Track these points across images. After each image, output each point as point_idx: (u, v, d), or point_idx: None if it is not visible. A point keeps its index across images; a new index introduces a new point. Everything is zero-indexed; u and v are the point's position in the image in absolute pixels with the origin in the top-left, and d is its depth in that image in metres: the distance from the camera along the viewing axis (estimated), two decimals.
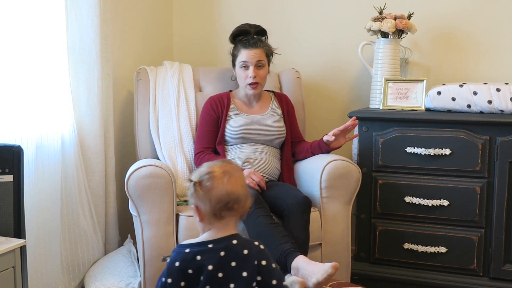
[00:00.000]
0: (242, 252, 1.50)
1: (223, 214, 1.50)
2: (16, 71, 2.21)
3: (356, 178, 2.39)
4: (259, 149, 2.57)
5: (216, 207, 1.49)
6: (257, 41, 2.62)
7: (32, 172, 2.24)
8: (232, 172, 1.53)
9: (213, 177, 1.50)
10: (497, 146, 2.40)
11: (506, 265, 2.44)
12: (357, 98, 3.07)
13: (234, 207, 1.50)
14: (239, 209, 1.52)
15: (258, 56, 2.58)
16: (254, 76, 2.56)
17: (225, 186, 1.49)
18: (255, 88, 2.59)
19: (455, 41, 2.91)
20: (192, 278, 1.48)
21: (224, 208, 1.49)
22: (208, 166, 1.55)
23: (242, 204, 1.52)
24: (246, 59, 2.57)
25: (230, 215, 1.51)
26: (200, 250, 1.49)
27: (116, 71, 2.81)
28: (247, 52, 2.58)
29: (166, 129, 2.75)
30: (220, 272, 1.47)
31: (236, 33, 2.69)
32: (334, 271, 1.89)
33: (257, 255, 1.52)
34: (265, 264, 1.52)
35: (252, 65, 2.57)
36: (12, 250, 1.76)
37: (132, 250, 2.68)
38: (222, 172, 1.51)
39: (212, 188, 1.49)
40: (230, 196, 1.49)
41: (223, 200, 1.49)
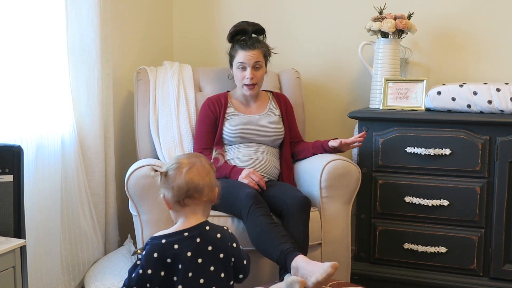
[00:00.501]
0: (216, 236, 1.66)
1: (186, 201, 1.64)
2: (16, 71, 2.21)
3: (356, 178, 2.40)
4: (258, 149, 2.57)
5: (178, 195, 1.63)
6: (255, 42, 2.61)
7: (32, 172, 2.24)
8: (195, 163, 1.67)
9: (177, 167, 1.66)
10: (497, 146, 2.40)
11: (506, 265, 2.44)
12: (357, 98, 3.07)
13: (194, 195, 1.64)
14: (201, 197, 1.65)
15: (255, 58, 2.57)
16: (251, 78, 2.56)
17: (184, 176, 1.63)
18: (252, 89, 2.59)
19: (455, 41, 2.91)
20: (170, 267, 1.60)
21: (185, 196, 1.63)
22: (176, 158, 1.72)
23: (205, 193, 1.65)
24: (244, 60, 2.57)
25: (193, 203, 1.65)
26: (177, 239, 1.61)
27: (116, 71, 2.81)
28: (245, 53, 2.57)
29: (166, 129, 2.75)
30: (199, 258, 1.61)
31: (234, 32, 2.68)
32: (334, 271, 1.88)
33: (229, 238, 1.70)
34: (236, 246, 1.70)
35: (250, 66, 2.56)
36: (12, 250, 1.76)
37: (132, 250, 2.68)
38: (187, 163, 1.66)
39: (175, 178, 1.64)
40: (189, 185, 1.63)
41: (183, 189, 1.63)
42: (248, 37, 2.63)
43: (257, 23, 2.71)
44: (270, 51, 2.69)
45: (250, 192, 2.23)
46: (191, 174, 1.64)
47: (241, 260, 1.72)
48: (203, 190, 1.65)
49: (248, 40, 2.60)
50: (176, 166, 1.66)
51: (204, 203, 1.68)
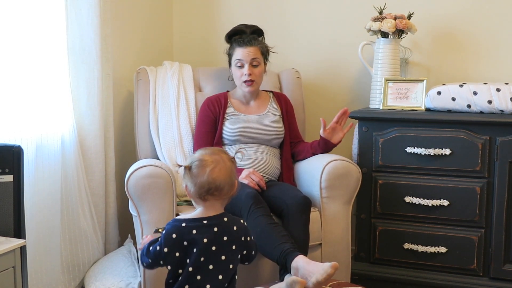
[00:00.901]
0: (232, 228, 1.74)
1: (207, 197, 1.71)
2: (16, 71, 2.21)
3: (356, 178, 2.39)
4: (258, 149, 2.57)
5: (200, 192, 1.70)
6: (252, 39, 2.62)
7: (32, 172, 2.24)
8: (218, 162, 1.71)
9: (201, 165, 1.71)
10: (497, 146, 2.40)
11: (506, 265, 2.44)
12: (357, 98, 3.07)
13: (215, 193, 1.70)
14: (221, 195, 1.72)
15: (253, 54, 2.58)
16: (249, 74, 2.56)
17: (208, 175, 1.69)
18: (250, 85, 2.58)
19: (455, 41, 2.91)
20: (186, 250, 1.68)
21: (206, 193, 1.70)
22: (200, 154, 1.75)
23: (224, 192, 1.72)
24: (241, 57, 2.57)
25: (213, 199, 1.72)
26: (196, 225, 1.70)
27: (116, 71, 2.81)
28: (242, 50, 2.58)
29: (166, 129, 2.75)
30: (213, 246, 1.69)
31: (231, 33, 2.70)
32: (334, 271, 1.88)
33: (244, 232, 1.78)
34: (249, 240, 1.79)
35: (247, 63, 2.57)
36: (12, 250, 1.76)
37: (132, 250, 2.68)
38: (211, 161, 1.71)
39: (198, 175, 1.70)
40: (211, 184, 1.69)
41: (204, 187, 1.69)
42: (245, 36, 2.64)
43: (255, 25, 2.71)
44: (269, 50, 2.69)
45: (250, 192, 2.23)
46: (214, 174, 1.69)
47: (251, 252, 1.82)
48: (224, 189, 1.71)
49: (245, 38, 2.62)
50: (199, 163, 1.71)
51: (223, 199, 1.76)
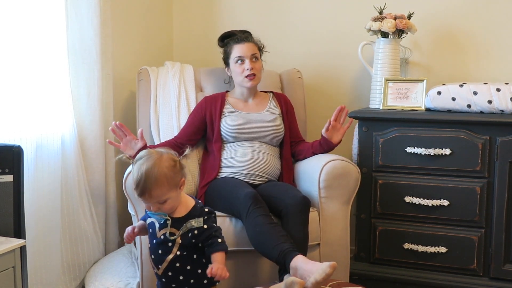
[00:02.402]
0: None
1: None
2: (16, 71, 2.21)
3: (355, 178, 2.39)
4: (259, 149, 2.56)
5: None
6: (248, 35, 2.66)
7: (32, 172, 2.24)
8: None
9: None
10: (497, 146, 2.39)
11: (506, 265, 2.44)
12: (357, 98, 3.07)
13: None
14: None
15: (251, 49, 2.60)
16: (251, 68, 2.57)
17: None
18: (253, 79, 2.59)
19: (455, 41, 2.90)
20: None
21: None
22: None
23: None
24: (241, 53, 2.59)
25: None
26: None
27: (116, 71, 2.81)
28: (241, 46, 2.60)
29: (166, 129, 2.75)
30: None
31: (223, 36, 2.75)
32: (332, 271, 1.88)
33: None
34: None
35: (248, 58, 2.58)
36: (12, 250, 1.77)
37: (133, 250, 2.68)
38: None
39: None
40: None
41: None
42: (239, 34, 2.67)
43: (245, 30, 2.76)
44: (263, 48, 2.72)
45: (249, 192, 2.23)
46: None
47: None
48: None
49: (241, 35, 2.64)
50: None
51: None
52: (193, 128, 2.64)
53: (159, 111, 2.80)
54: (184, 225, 1.84)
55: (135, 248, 2.64)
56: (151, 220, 1.91)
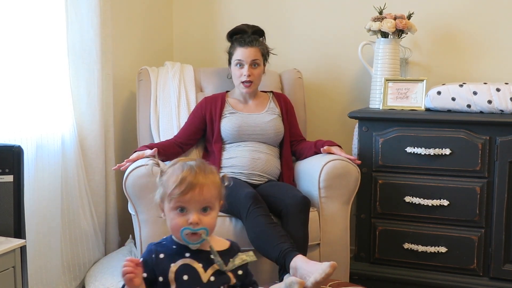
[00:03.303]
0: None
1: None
2: (16, 71, 2.21)
3: (355, 178, 2.39)
4: (258, 149, 2.57)
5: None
6: (253, 40, 2.63)
7: (32, 172, 2.24)
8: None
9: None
10: (497, 146, 2.39)
11: (506, 265, 2.44)
12: (357, 98, 3.07)
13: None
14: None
15: (253, 55, 2.58)
16: (248, 75, 2.56)
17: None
18: (248, 86, 2.59)
19: (455, 41, 2.90)
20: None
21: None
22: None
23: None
24: (241, 58, 2.58)
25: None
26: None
27: (116, 71, 2.81)
28: (243, 50, 2.58)
29: (167, 128, 2.76)
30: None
31: (233, 32, 2.71)
32: (332, 271, 1.88)
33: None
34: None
35: (247, 63, 2.57)
36: (12, 250, 1.77)
37: (133, 250, 2.68)
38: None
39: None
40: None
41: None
42: (247, 36, 2.64)
43: (257, 25, 2.72)
44: (269, 51, 2.70)
45: (249, 192, 2.23)
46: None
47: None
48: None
49: (247, 38, 2.62)
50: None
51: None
52: (193, 128, 2.64)
53: (159, 111, 2.80)
54: (231, 260, 1.44)
55: (135, 248, 2.64)
56: (182, 263, 1.41)
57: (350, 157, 2.42)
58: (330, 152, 2.45)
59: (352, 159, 2.41)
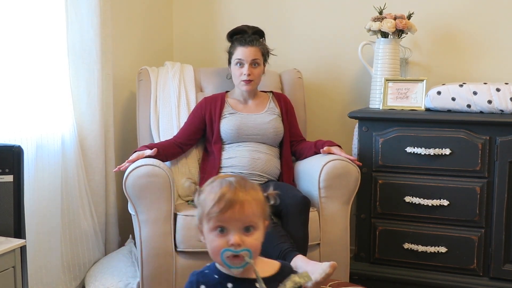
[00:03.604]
0: None
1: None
2: (16, 71, 2.21)
3: (355, 178, 2.39)
4: (258, 149, 2.57)
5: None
6: (254, 39, 2.63)
7: (32, 172, 2.24)
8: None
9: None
10: (497, 146, 2.39)
11: (506, 265, 2.44)
12: (357, 98, 3.07)
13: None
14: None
15: (253, 55, 2.58)
16: (248, 74, 2.56)
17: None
18: (248, 84, 2.59)
19: (455, 41, 2.90)
20: None
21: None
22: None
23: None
24: (241, 57, 2.58)
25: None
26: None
27: (116, 71, 2.81)
28: (243, 49, 2.59)
29: (167, 129, 2.76)
30: None
31: (233, 32, 2.71)
32: (332, 271, 1.88)
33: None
34: None
35: (247, 63, 2.57)
36: (12, 250, 1.77)
37: (133, 250, 2.69)
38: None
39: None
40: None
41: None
42: (247, 35, 2.64)
43: (257, 26, 2.73)
44: (269, 52, 2.70)
45: None
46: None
47: None
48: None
49: (247, 38, 2.62)
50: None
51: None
52: (192, 128, 2.64)
53: (159, 111, 2.80)
54: (281, 285, 1.27)
55: (135, 248, 2.64)
56: None
57: (350, 157, 2.42)
58: (330, 152, 2.45)
59: (352, 159, 2.41)
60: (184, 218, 2.29)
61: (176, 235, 2.29)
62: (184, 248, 2.28)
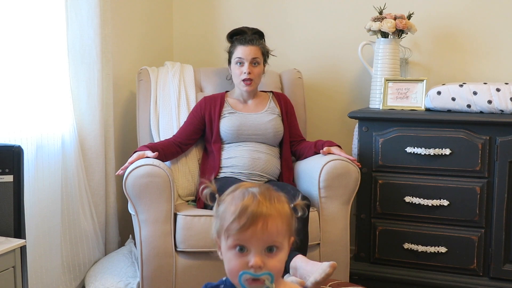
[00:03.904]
0: None
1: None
2: (16, 71, 2.21)
3: (355, 178, 2.39)
4: (258, 149, 2.57)
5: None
6: (254, 38, 2.64)
7: (32, 172, 2.24)
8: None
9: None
10: (497, 146, 2.39)
11: (506, 265, 2.44)
12: (357, 98, 3.07)
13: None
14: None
15: (253, 53, 2.58)
16: (248, 73, 2.57)
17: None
18: (249, 85, 2.59)
19: (455, 41, 2.90)
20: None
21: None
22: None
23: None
24: (242, 56, 2.58)
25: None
26: None
27: (116, 71, 2.81)
28: (243, 48, 2.59)
29: (166, 129, 2.76)
30: None
31: (233, 32, 2.72)
32: (332, 271, 1.88)
33: None
34: None
35: (247, 61, 2.58)
36: (12, 250, 1.77)
37: (133, 250, 2.69)
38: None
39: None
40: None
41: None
42: (247, 35, 2.65)
43: (257, 28, 2.73)
44: (269, 52, 2.70)
45: None
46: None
47: None
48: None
49: (248, 37, 2.63)
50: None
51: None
52: (192, 127, 2.64)
53: (159, 111, 2.80)
54: None
55: (135, 248, 2.64)
56: None
57: (350, 158, 2.42)
58: (330, 153, 2.45)
59: (352, 159, 2.41)
60: (184, 218, 2.29)
61: (176, 235, 2.29)
62: (184, 248, 2.28)
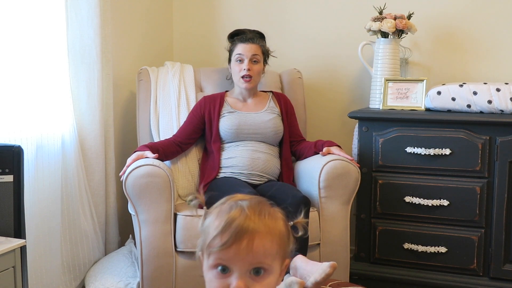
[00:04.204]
0: None
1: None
2: (16, 71, 2.21)
3: (355, 178, 2.39)
4: (258, 148, 2.56)
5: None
6: (254, 37, 2.65)
7: (32, 172, 2.24)
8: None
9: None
10: (497, 146, 2.39)
11: (506, 265, 2.44)
12: (357, 98, 3.07)
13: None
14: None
15: (253, 50, 2.59)
16: (248, 69, 2.57)
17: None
18: (248, 81, 2.59)
19: (455, 41, 2.90)
20: None
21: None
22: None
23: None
24: (242, 52, 2.59)
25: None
26: None
27: (116, 71, 2.81)
28: (243, 45, 2.60)
29: (166, 129, 2.76)
30: None
31: (234, 32, 2.73)
32: (332, 271, 1.88)
33: None
34: None
35: (247, 58, 2.58)
36: (12, 250, 1.77)
37: (133, 250, 2.69)
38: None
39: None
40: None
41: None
42: (248, 34, 2.66)
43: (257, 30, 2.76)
44: (269, 52, 2.71)
45: (249, 192, 2.23)
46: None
47: None
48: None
49: (248, 35, 2.64)
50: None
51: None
52: (192, 127, 2.64)
53: (159, 111, 2.80)
54: None
55: (135, 248, 2.64)
56: None
57: (350, 158, 2.42)
58: (330, 153, 2.45)
59: (350, 159, 2.41)
60: (184, 218, 2.29)
61: (176, 235, 2.29)
62: (184, 248, 2.28)
